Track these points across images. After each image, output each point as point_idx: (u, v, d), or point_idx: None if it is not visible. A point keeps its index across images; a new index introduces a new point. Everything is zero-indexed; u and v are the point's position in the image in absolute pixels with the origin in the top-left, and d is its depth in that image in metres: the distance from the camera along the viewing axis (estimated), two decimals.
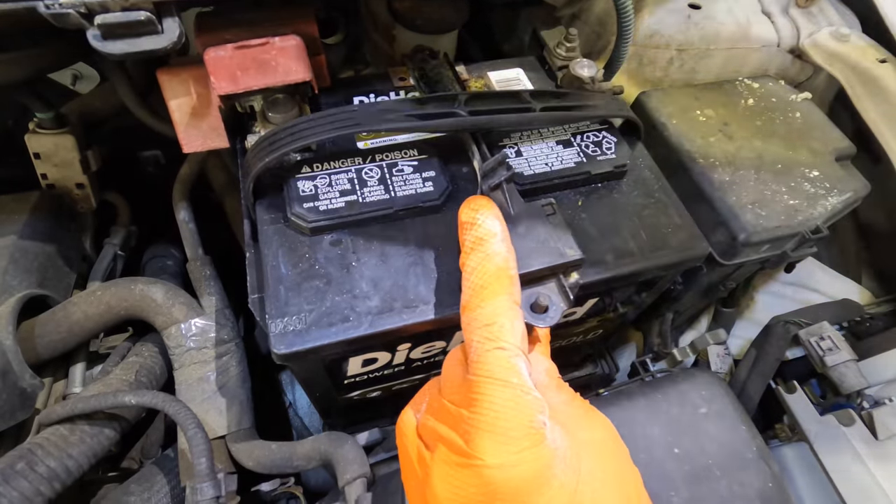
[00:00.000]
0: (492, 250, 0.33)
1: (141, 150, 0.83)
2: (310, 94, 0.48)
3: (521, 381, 0.30)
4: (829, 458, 0.59)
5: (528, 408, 0.29)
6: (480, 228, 0.34)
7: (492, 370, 0.30)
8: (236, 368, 0.58)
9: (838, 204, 0.57)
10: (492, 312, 0.31)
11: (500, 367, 0.30)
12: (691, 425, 0.50)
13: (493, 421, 0.29)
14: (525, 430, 0.29)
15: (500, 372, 0.30)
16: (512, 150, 0.48)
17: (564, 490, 0.29)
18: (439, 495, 0.30)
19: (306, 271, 0.41)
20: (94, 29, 0.38)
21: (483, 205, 0.35)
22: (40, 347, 0.56)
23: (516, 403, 0.29)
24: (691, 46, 0.71)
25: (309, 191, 0.44)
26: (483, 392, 0.29)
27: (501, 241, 0.34)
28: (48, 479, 0.47)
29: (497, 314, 0.31)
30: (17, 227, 0.61)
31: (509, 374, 0.30)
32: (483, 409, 0.29)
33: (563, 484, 0.29)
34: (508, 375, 0.30)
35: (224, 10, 0.49)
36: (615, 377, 0.74)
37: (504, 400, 0.29)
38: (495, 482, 0.28)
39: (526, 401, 0.29)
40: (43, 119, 0.65)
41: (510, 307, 0.32)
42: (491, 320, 0.31)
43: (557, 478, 0.29)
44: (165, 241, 0.79)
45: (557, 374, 0.37)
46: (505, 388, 0.29)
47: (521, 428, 0.29)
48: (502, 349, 0.30)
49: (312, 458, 0.51)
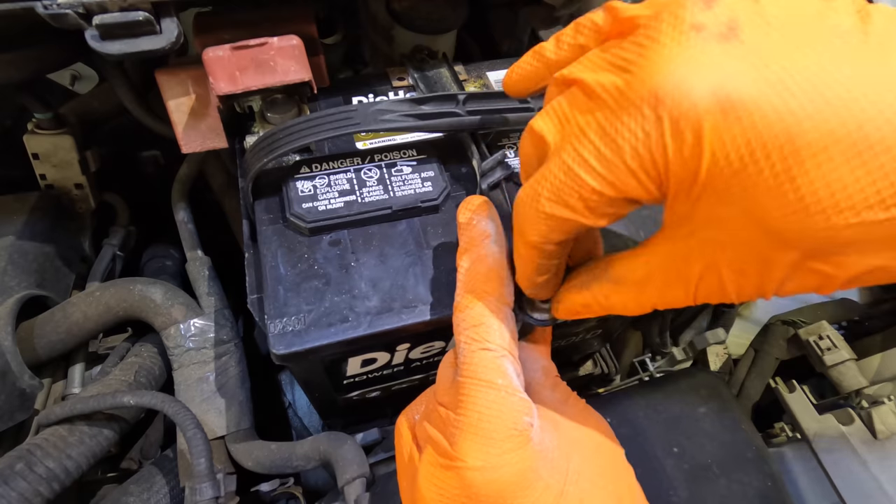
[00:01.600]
0: (484, 251, 0.33)
1: (140, 151, 0.83)
2: (309, 94, 0.48)
3: (507, 382, 0.30)
4: (828, 458, 0.59)
5: (512, 409, 0.29)
6: (475, 229, 0.34)
7: (477, 371, 0.30)
8: (235, 369, 0.58)
9: None
10: (479, 313, 0.31)
11: (485, 368, 0.30)
12: (690, 425, 0.50)
13: (477, 423, 0.29)
14: (508, 431, 0.29)
15: (485, 373, 0.29)
16: (511, 150, 0.48)
17: (549, 492, 0.29)
18: (424, 496, 0.30)
19: (305, 271, 0.41)
20: (93, 29, 0.38)
21: (478, 206, 0.35)
22: (39, 348, 0.56)
23: (500, 405, 0.29)
24: None
25: (308, 191, 0.44)
26: (468, 393, 0.29)
27: (494, 243, 0.34)
28: (47, 480, 0.47)
29: (485, 315, 0.31)
30: (16, 228, 0.61)
31: (494, 376, 0.30)
32: (467, 410, 0.29)
33: (548, 486, 0.29)
34: (493, 377, 0.29)
35: (223, 11, 0.49)
36: (614, 377, 0.74)
37: (488, 401, 0.29)
38: (476, 484, 0.28)
39: (510, 402, 0.29)
40: (41, 119, 0.65)
41: (498, 308, 0.32)
42: (478, 321, 0.31)
43: (542, 479, 0.29)
44: (164, 241, 0.79)
45: (555, 372, 0.37)
46: (489, 389, 0.29)
47: (505, 430, 0.29)
48: (488, 350, 0.30)
49: (312, 459, 0.51)
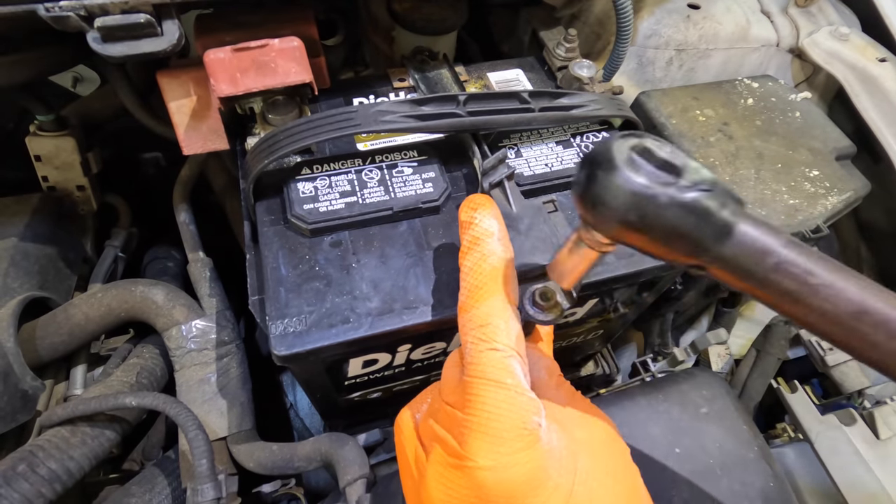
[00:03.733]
0: (488, 250, 0.33)
1: (141, 153, 0.83)
2: (310, 95, 0.48)
3: (516, 382, 0.29)
4: (830, 458, 0.59)
5: (521, 409, 0.29)
6: (478, 228, 0.34)
7: (485, 371, 0.29)
8: (237, 370, 0.58)
9: (838, 203, 0.57)
10: (486, 313, 0.31)
11: (493, 368, 0.29)
12: (692, 425, 0.50)
13: (486, 422, 0.28)
14: (518, 431, 0.28)
15: (494, 373, 0.29)
16: (512, 150, 0.49)
17: (559, 491, 0.29)
18: (433, 496, 0.30)
19: (306, 273, 0.41)
20: (94, 31, 0.38)
21: (481, 203, 0.35)
22: (41, 349, 0.56)
23: (510, 405, 0.29)
24: (690, 46, 0.71)
25: (309, 192, 0.44)
26: (476, 393, 0.29)
27: (498, 241, 0.33)
28: (49, 481, 0.47)
29: (491, 315, 0.31)
30: (18, 230, 0.61)
31: (503, 375, 0.29)
32: (476, 410, 0.29)
33: (557, 485, 0.29)
34: (502, 376, 0.29)
35: (224, 13, 0.49)
36: (616, 377, 0.74)
37: (497, 401, 0.29)
38: (487, 484, 0.28)
39: (520, 402, 0.29)
40: (44, 121, 0.65)
41: (504, 308, 0.31)
42: (485, 321, 0.31)
43: (552, 479, 0.29)
44: (166, 242, 0.79)
45: (559, 372, 0.37)
46: (498, 389, 0.29)
47: (514, 429, 0.28)
48: (496, 350, 0.30)
49: (313, 459, 0.51)
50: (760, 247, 0.24)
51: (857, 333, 0.23)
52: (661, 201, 0.23)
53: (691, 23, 0.71)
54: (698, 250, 0.24)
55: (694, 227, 0.24)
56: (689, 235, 0.24)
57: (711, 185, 0.24)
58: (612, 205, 0.24)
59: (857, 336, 0.24)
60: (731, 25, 0.72)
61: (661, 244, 0.25)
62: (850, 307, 0.23)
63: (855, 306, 0.23)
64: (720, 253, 0.24)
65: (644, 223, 0.24)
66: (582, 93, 0.50)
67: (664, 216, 0.24)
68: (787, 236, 0.24)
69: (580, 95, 0.49)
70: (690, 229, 0.24)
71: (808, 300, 0.24)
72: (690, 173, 0.24)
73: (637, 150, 0.24)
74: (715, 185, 0.24)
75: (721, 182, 0.25)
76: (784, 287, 0.24)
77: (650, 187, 0.24)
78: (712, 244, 0.24)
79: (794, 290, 0.24)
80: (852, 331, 0.24)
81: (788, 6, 0.78)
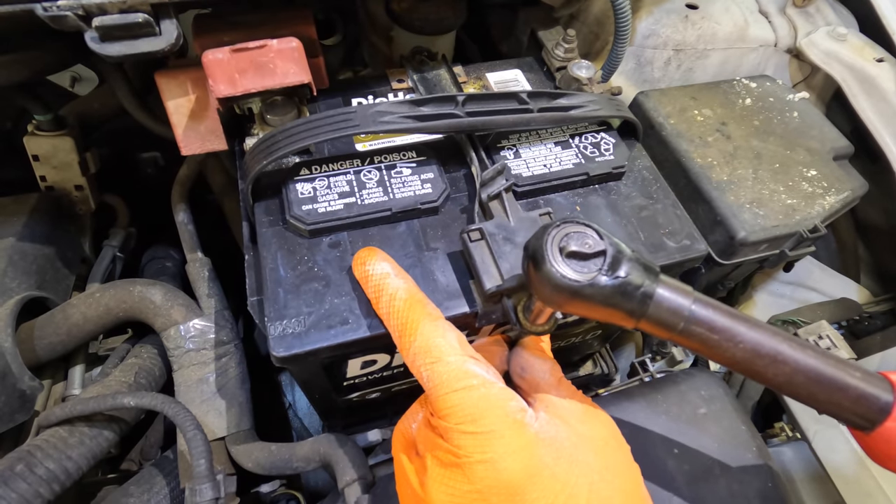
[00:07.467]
0: (392, 289, 0.36)
1: (140, 152, 0.83)
2: (308, 96, 0.48)
3: (481, 380, 0.32)
4: (828, 458, 0.59)
5: (497, 399, 0.31)
6: (374, 276, 0.37)
7: (450, 384, 0.31)
8: (235, 370, 0.58)
9: (836, 203, 0.57)
10: (423, 342, 0.33)
11: (456, 378, 0.31)
12: (691, 425, 0.50)
13: (471, 423, 0.30)
14: (503, 419, 0.30)
15: (458, 382, 0.31)
16: (510, 151, 0.49)
17: (557, 480, 0.30)
18: (435, 500, 0.31)
19: (305, 273, 0.41)
20: (92, 31, 0.38)
21: (367, 256, 0.38)
22: (39, 349, 0.56)
23: (486, 401, 0.31)
24: (689, 46, 0.72)
25: (307, 193, 0.44)
26: (453, 404, 0.31)
27: (396, 277, 0.36)
28: (47, 481, 0.47)
29: (428, 339, 0.33)
30: (16, 229, 0.61)
31: (467, 379, 0.31)
32: (458, 417, 0.31)
33: (554, 475, 0.30)
34: (467, 380, 0.31)
35: (222, 13, 0.49)
36: (614, 377, 0.74)
37: (473, 401, 0.31)
38: (487, 479, 0.29)
39: (492, 394, 0.31)
40: (41, 121, 0.65)
41: (434, 327, 0.34)
42: (426, 348, 0.33)
43: (549, 468, 0.30)
44: (164, 242, 0.79)
45: (560, 371, 0.38)
46: (469, 392, 0.31)
47: (498, 420, 0.30)
48: (448, 364, 0.32)
49: (312, 460, 0.51)
50: (674, 307, 0.30)
51: (757, 371, 0.30)
52: (587, 291, 0.29)
53: (689, 23, 0.71)
54: (628, 317, 0.30)
55: (620, 302, 0.29)
56: (618, 307, 0.30)
57: (630, 268, 0.29)
58: (547, 293, 0.30)
59: (758, 374, 0.30)
60: (729, 25, 0.72)
61: (598, 314, 0.30)
62: (746, 354, 0.30)
63: (749, 353, 0.30)
64: (645, 314, 0.30)
65: (579, 303, 0.30)
66: (580, 93, 0.50)
67: (595, 297, 0.29)
68: (694, 296, 0.30)
69: (579, 96, 0.49)
70: (617, 304, 0.29)
71: (714, 351, 0.30)
72: (612, 260, 0.29)
73: (563, 249, 0.30)
74: (633, 266, 0.29)
75: (639, 257, 0.30)
76: (695, 341, 0.30)
77: (576, 281, 0.29)
78: (637, 309, 0.30)
79: (702, 343, 0.30)
80: (754, 370, 0.30)
81: (786, 6, 0.78)
